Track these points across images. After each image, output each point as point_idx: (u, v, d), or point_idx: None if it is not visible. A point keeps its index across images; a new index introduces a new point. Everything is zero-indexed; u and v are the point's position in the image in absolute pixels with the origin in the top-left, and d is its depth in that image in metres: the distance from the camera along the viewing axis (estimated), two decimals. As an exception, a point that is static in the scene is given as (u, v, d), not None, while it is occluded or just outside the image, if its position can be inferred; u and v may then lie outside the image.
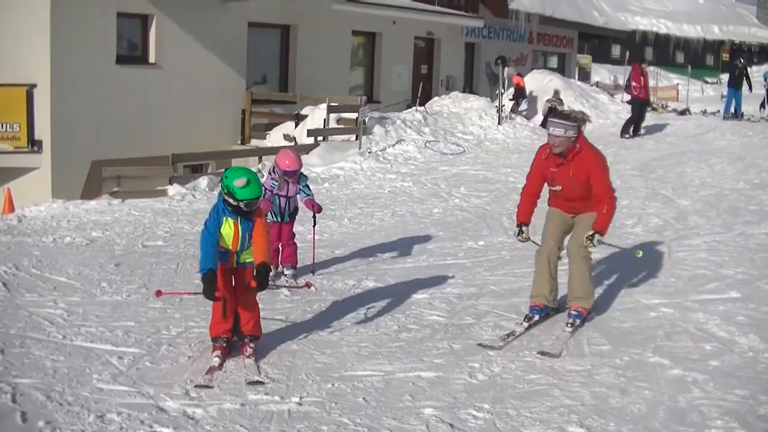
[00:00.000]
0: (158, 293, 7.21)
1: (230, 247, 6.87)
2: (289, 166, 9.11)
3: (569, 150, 7.63)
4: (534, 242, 8.18)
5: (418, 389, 6.44)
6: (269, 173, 9.35)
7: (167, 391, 6.23)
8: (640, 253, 8.56)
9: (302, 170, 9.46)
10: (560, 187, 7.88)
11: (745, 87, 27.34)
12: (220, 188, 6.85)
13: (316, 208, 9.53)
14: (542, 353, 7.26)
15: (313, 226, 9.83)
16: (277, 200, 9.34)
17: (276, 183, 9.21)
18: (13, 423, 5.57)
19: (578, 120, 7.63)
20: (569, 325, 7.83)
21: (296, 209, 9.62)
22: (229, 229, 6.80)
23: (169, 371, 6.65)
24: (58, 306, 8.23)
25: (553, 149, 7.69)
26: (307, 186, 9.58)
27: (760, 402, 6.19)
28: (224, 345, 7.05)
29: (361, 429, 5.70)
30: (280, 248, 9.52)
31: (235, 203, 6.68)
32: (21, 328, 7.50)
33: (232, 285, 7.04)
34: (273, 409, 5.99)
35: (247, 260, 6.97)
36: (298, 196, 9.51)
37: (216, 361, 6.88)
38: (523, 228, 8.04)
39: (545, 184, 8.00)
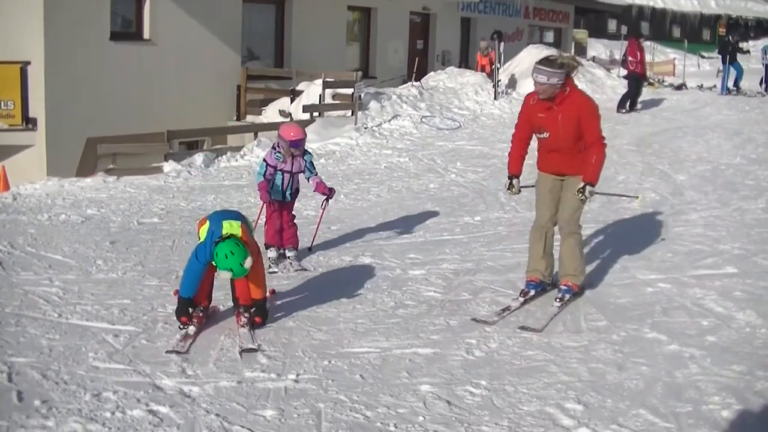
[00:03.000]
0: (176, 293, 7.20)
1: None
2: (294, 135, 9.01)
3: (557, 95, 7.48)
4: (527, 186, 8.14)
5: (415, 366, 6.44)
6: (272, 148, 9.27)
7: (163, 369, 6.22)
8: (639, 197, 8.51)
9: (306, 146, 9.39)
10: (548, 134, 7.71)
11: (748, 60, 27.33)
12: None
13: (329, 193, 9.43)
14: (523, 328, 7.26)
15: (322, 209, 9.80)
16: (280, 177, 9.19)
17: (280, 155, 9.11)
18: (9, 402, 5.56)
19: (565, 66, 7.48)
20: (558, 300, 7.83)
21: (298, 190, 9.48)
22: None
23: (165, 349, 6.63)
24: (54, 284, 8.21)
25: (539, 95, 7.59)
26: (312, 164, 9.41)
27: (757, 377, 6.20)
28: (200, 314, 7.16)
29: (358, 406, 5.70)
30: (281, 229, 9.44)
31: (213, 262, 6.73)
32: (16, 306, 7.49)
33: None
34: (270, 387, 5.99)
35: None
36: (302, 175, 9.40)
37: (191, 329, 6.98)
38: (514, 181, 8.03)
39: (534, 135, 7.89)
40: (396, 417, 5.54)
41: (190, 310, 7.01)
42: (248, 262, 6.60)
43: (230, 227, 6.83)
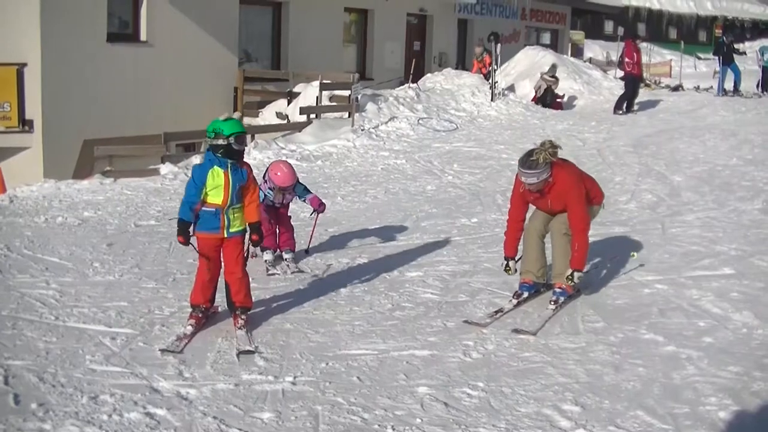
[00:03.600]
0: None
1: (220, 202, 6.93)
2: (282, 182, 9.01)
3: (544, 186, 7.64)
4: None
5: (413, 368, 6.44)
6: (264, 180, 9.24)
7: (161, 372, 6.22)
8: (635, 255, 8.67)
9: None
10: (543, 210, 8.03)
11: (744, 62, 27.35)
12: (206, 143, 6.95)
13: (321, 208, 9.43)
14: (516, 331, 7.27)
15: (314, 220, 9.82)
16: (273, 206, 9.30)
17: (271, 192, 9.14)
18: (6, 405, 5.55)
19: (546, 162, 7.55)
20: (552, 303, 7.84)
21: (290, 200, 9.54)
22: (218, 179, 6.90)
23: (160, 348, 6.64)
24: (51, 287, 8.21)
25: (530, 188, 7.71)
26: (305, 189, 9.43)
27: (754, 378, 6.20)
28: (200, 315, 7.20)
29: (356, 408, 5.70)
30: (278, 231, 9.46)
31: (224, 142, 6.83)
32: (13, 309, 7.48)
33: (220, 256, 7.14)
34: (267, 389, 5.99)
35: (236, 229, 6.99)
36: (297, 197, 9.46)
37: (189, 329, 7.00)
38: (510, 263, 8.10)
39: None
40: (393, 419, 5.55)
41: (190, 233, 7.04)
42: (238, 115, 6.80)
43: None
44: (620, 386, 6.11)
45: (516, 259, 8.12)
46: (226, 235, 7.02)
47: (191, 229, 7.01)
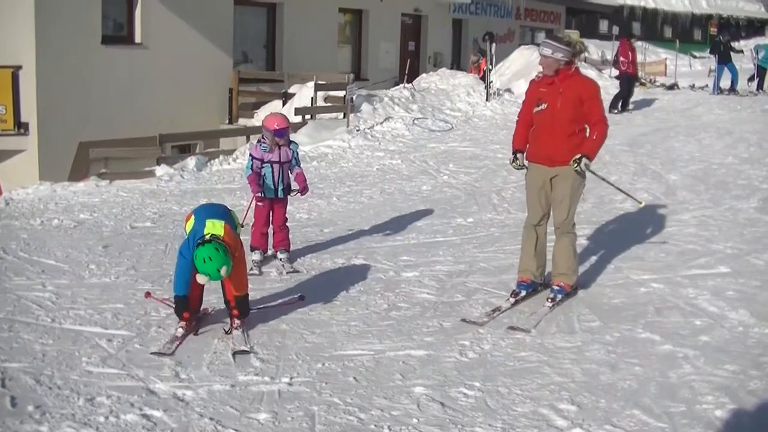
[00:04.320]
0: (147, 294, 7.38)
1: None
2: (278, 124, 8.97)
3: (561, 70, 7.55)
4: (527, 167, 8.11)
5: (409, 368, 6.44)
6: (258, 142, 9.18)
7: (157, 374, 6.21)
8: (643, 203, 8.59)
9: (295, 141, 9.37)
10: (545, 106, 7.70)
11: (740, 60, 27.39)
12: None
13: (303, 188, 9.36)
14: (513, 328, 7.27)
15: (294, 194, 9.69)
16: (269, 169, 9.12)
17: (266, 146, 9.05)
18: (3, 407, 5.55)
19: (572, 45, 7.53)
20: (549, 300, 7.84)
21: (289, 186, 9.36)
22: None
23: (151, 350, 6.64)
24: (47, 289, 8.19)
25: (543, 70, 7.64)
26: (298, 155, 9.38)
27: (751, 377, 6.20)
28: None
29: (352, 408, 5.70)
30: (271, 233, 9.41)
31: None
32: (9, 311, 7.47)
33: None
34: (263, 390, 5.99)
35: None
36: (290, 170, 9.35)
37: (180, 331, 7.00)
38: (518, 155, 8.03)
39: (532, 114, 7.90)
40: (390, 419, 5.54)
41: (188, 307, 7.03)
42: (224, 270, 6.60)
43: (213, 227, 6.82)
44: (616, 385, 6.11)
45: (522, 165, 8.05)
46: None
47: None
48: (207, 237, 6.71)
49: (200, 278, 6.68)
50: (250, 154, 9.17)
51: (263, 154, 9.07)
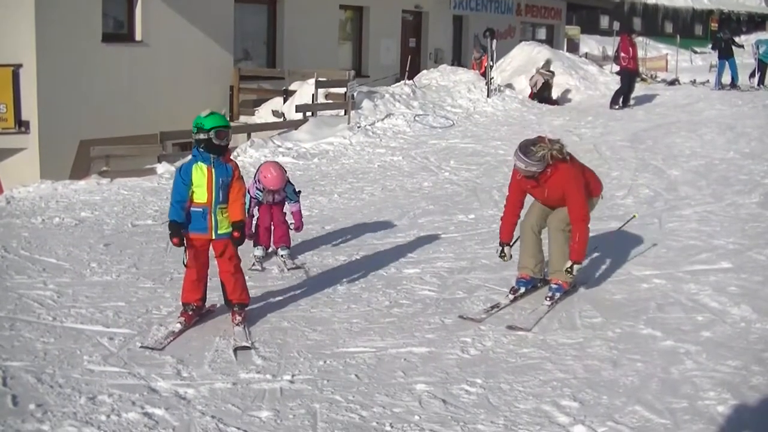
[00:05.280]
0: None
1: (206, 199, 6.92)
2: (271, 183, 9.01)
3: (540, 175, 7.60)
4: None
5: (411, 365, 6.43)
6: (254, 180, 9.24)
7: (158, 372, 6.21)
8: (637, 215, 8.62)
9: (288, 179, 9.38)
10: (539, 201, 7.97)
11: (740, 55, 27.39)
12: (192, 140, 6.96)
13: (299, 228, 9.45)
14: (511, 327, 7.26)
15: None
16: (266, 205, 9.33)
17: (261, 194, 9.16)
18: (4, 406, 5.55)
19: (544, 159, 7.49)
20: (548, 299, 7.84)
21: (284, 201, 9.46)
22: (202, 174, 6.91)
23: (159, 351, 6.63)
24: (48, 287, 8.20)
25: (522, 174, 7.70)
26: (294, 192, 9.40)
27: (753, 372, 6.20)
28: (190, 313, 7.22)
29: (354, 406, 5.69)
30: (272, 228, 9.46)
31: (205, 136, 6.82)
32: (11, 310, 7.47)
33: (208, 256, 7.20)
34: (265, 388, 5.98)
35: (224, 231, 6.97)
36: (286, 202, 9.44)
37: (177, 327, 7.04)
38: (505, 248, 8.13)
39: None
40: (392, 416, 5.54)
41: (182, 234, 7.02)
42: (226, 112, 6.77)
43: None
44: (618, 381, 6.11)
45: (511, 244, 8.12)
46: (214, 237, 7.01)
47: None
48: None
49: (204, 113, 6.89)
50: (248, 191, 9.21)
51: (259, 198, 9.23)
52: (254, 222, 9.30)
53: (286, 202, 9.40)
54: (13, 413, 5.46)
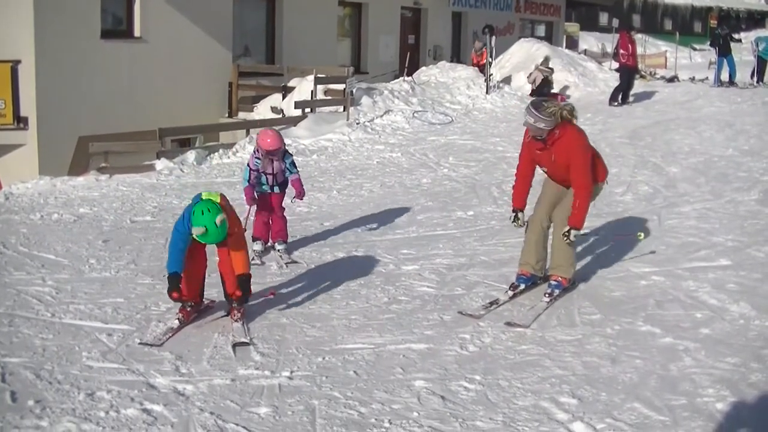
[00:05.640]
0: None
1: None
2: (270, 145, 9.03)
3: (548, 136, 7.55)
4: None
5: (409, 361, 6.43)
6: (254, 152, 9.30)
7: (157, 368, 6.21)
8: (642, 236, 8.62)
9: (286, 148, 9.42)
10: (546, 169, 7.89)
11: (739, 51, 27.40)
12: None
13: (301, 195, 9.46)
14: (509, 324, 7.26)
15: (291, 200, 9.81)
16: (263, 178, 9.31)
17: (260, 162, 9.17)
18: (3, 402, 5.54)
19: (554, 115, 7.49)
20: (547, 295, 7.83)
21: (286, 181, 9.50)
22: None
23: (158, 348, 6.62)
24: (47, 284, 8.19)
25: (530, 134, 7.66)
26: (293, 164, 9.47)
27: (752, 369, 6.20)
28: (188, 309, 7.21)
29: (352, 402, 5.69)
30: (270, 222, 9.49)
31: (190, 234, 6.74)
32: (9, 306, 7.47)
33: (204, 254, 7.24)
34: (263, 384, 5.98)
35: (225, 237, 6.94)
36: (285, 174, 9.45)
37: (175, 323, 7.05)
38: (519, 214, 8.09)
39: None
40: (390, 413, 5.54)
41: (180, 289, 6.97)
42: (220, 220, 6.60)
43: (209, 195, 6.89)
44: (617, 378, 6.11)
45: (524, 209, 8.09)
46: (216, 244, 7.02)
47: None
48: (204, 199, 6.79)
49: (196, 230, 6.63)
50: (248, 165, 9.29)
51: (258, 167, 9.22)
52: (252, 210, 9.32)
53: (286, 174, 9.39)
54: (11, 409, 5.45)
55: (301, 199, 9.60)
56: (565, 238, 7.67)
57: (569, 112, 7.54)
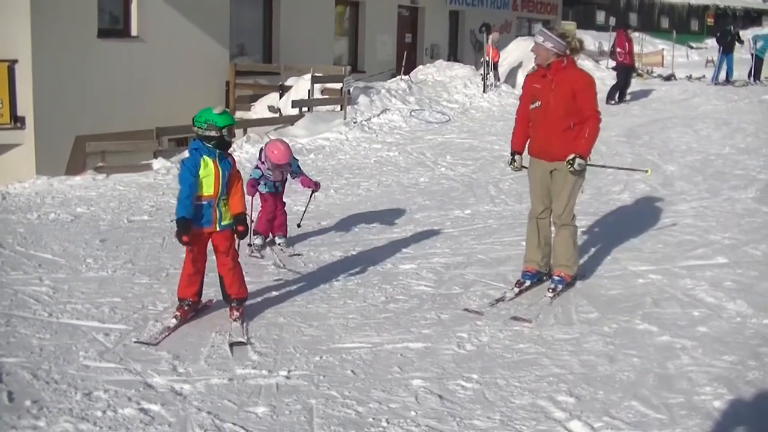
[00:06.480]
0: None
1: (212, 192, 6.92)
2: (279, 159, 9.15)
3: (553, 63, 7.51)
4: (525, 167, 8.13)
5: (407, 360, 6.43)
6: (260, 161, 9.41)
7: (154, 367, 6.20)
8: (649, 171, 8.54)
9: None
10: (539, 103, 7.70)
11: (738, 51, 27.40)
12: (194, 131, 6.95)
13: (315, 186, 9.61)
14: (515, 318, 7.28)
15: (309, 197, 10.01)
16: (272, 184, 9.49)
17: (270, 173, 9.33)
18: (0, 402, 5.53)
19: (565, 38, 7.47)
20: (550, 290, 7.85)
21: (285, 180, 9.69)
22: (209, 168, 6.90)
23: (155, 347, 6.62)
24: (44, 283, 8.18)
25: (535, 59, 7.63)
26: (298, 167, 9.61)
27: (749, 367, 6.20)
28: (186, 308, 7.19)
29: (350, 401, 5.69)
30: (273, 217, 9.64)
31: (217, 134, 6.86)
32: (6, 306, 7.45)
33: (206, 250, 7.19)
34: (261, 383, 5.97)
35: (226, 222, 6.99)
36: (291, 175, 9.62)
37: (173, 322, 7.04)
38: (516, 157, 8.06)
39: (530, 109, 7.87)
40: (388, 412, 5.54)
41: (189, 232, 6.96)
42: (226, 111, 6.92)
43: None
44: (614, 377, 6.11)
45: (521, 153, 8.07)
46: (218, 228, 7.00)
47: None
48: None
49: (217, 109, 6.95)
50: (257, 168, 9.46)
51: (268, 177, 9.41)
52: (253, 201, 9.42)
53: (291, 176, 9.58)
54: (8, 409, 5.44)
55: (318, 189, 9.75)
56: (569, 166, 7.54)
57: (580, 45, 7.54)
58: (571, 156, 7.51)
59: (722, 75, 26.83)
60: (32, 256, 9.21)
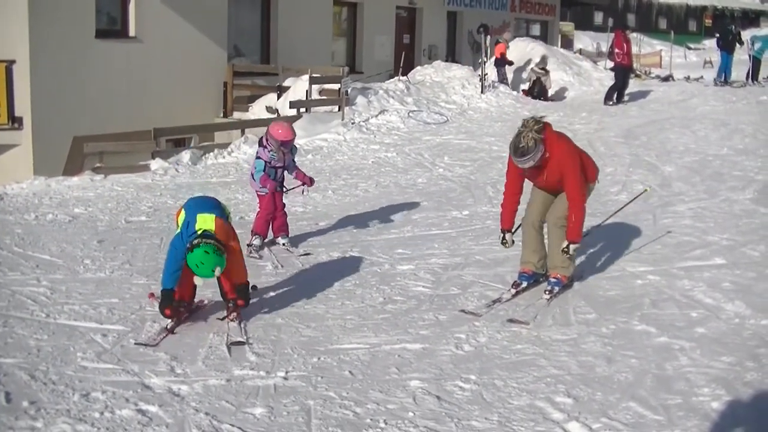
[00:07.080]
0: (150, 295, 7.37)
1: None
2: (284, 136, 9.23)
3: (541, 160, 7.56)
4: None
5: (405, 361, 6.43)
6: (263, 147, 9.39)
7: (152, 368, 6.20)
8: (648, 189, 8.56)
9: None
10: (537, 183, 7.92)
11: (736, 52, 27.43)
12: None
13: (309, 182, 9.71)
14: (512, 321, 7.28)
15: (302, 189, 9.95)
16: (273, 172, 9.46)
17: (275, 155, 9.32)
18: (-3, 403, 5.54)
19: (536, 142, 7.42)
20: (547, 293, 7.85)
21: (285, 172, 9.72)
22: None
23: (153, 348, 6.61)
24: (41, 284, 8.17)
25: (524, 172, 7.70)
26: (293, 161, 9.67)
27: (747, 369, 6.20)
28: (181, 309, 7.19)
29: (348, 402, 5.69)
30: (274, 218, 9.65)
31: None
32: (3, 307, 7.45)
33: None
34: (259, 384, 5.97)
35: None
36: (289, 170, 9.65)
37: (170, 323, 7.05)
38: (506, 235, 8.08)
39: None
40: (386, 413, 5.53)
41: (174, 303, 6.99)
42: (218, 270, 6.66)
43: (204, 222, 6.85)
44: (612, 378, 6.11)
45: (512, 231, 8.09)
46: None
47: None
48: (199, 233, 6.72)
49: (197, 280, 6.76)
50: (260, 157, 9.39)
51: (273, 161, 9.38)
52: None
53: (290, 169, 9.63)
54: (6, 410, 5.44)
55: (311, 185, 9.82)
56: (565, 254, 7.71)
57: (538, 128, 7.46)
58: (566, 244, 7.67)
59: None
60: (30, 256, 9.20)
